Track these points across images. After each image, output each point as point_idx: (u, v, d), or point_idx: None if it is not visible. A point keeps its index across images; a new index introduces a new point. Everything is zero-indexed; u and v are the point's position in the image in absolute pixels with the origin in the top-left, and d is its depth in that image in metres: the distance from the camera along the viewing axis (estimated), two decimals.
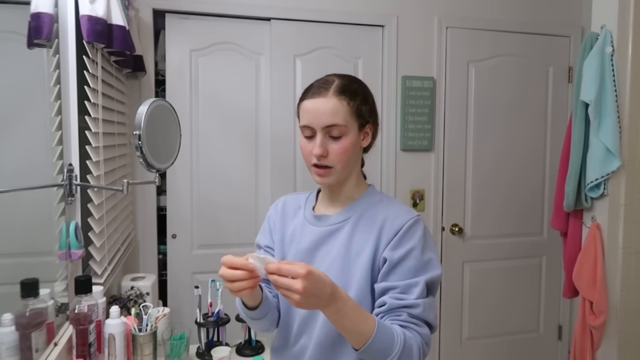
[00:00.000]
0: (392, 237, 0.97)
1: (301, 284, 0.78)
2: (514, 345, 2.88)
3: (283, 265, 0.81)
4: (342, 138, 0.98)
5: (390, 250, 0.96)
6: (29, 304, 1.09)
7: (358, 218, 1.03)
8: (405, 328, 0.91)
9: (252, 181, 2.50)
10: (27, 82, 1.29)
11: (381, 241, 0.98)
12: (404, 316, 0.92)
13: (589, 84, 2.01)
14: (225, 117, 2.45)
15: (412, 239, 0.96)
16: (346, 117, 0.98)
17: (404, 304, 0.92)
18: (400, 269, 0.95)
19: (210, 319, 1.56)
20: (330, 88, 0.99)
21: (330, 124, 0.97)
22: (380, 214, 1.01)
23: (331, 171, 1.00)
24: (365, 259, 0.98)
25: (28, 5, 1.23)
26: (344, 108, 0.98)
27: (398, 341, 0.87)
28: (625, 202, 2.05)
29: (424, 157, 2.64)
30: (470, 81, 2.70)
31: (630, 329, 2.09)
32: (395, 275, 0.95)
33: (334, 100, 0.97)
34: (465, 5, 2.66)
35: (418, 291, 0.93)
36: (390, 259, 0.95)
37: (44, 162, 1.34)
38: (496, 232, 2.79)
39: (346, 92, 0.99)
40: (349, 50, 2.54)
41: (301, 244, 1.06)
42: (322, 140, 0.98)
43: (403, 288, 0.93)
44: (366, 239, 1.00)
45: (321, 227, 1.05)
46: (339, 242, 1.02)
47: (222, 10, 2.38)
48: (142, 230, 2.37)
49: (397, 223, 0.98)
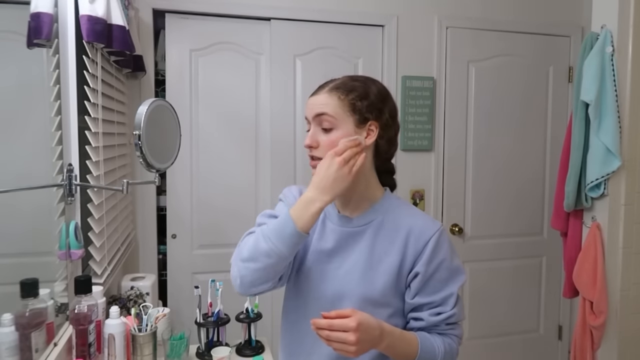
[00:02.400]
0: (421, 249, 0.98)
1: (354, 337, 0.84)
2: (514, 345, 2.88)
3: (335, 322, 0.86)
4: (333, 131, 0.98)
5: (423, 265, 0.98)
6: (28, 304, 1.09)
7: (380, 223, 1.02)
8: (444, 335, 0.99)
9: (252, 181, 2.50)
10: (27, 82, 1.29)
11: (408, 251, 0.99)
12: (441, 327, 0.99)
13: (589, 84, 2.01)
14: (225, 117, 2.45)
15: (442, 252, 0.99)
16: (336, 110, 0.98)
17: (442, 318, 0.98)
18: (433, 281, 0.98)
19: (210, 319, 1.56)
20: (327, 86, 1.01)
21: (319, 112, 0.99)
22: (405, 222, 1.01)
23: None
24: (390, 266, 0.99)
25: (28, 5, 1.23)
26: (334, 101, 0.98)
27: (439, 353, 0.96)
28: (625, 202, 2.05)
29: (424, 157, 2.64)
30: (470, 81, 2.70)
31: (630, 329, 2.09)
32: (429, 288, 0.99)
33: (325, 94, 1.00)
34: (466, 5, 2.66)
35: (452, 301, 0.99)
36: (424, 273, 0.98)
37: (44, 162, 1.34)
38: (496, 232, 2.79)
39: (339, 89, 0.99)
40: (349, 50, 2.54)
41: (324, 242, 1.04)
42: (313, 132, 1.00)
43: (439, 301, 0.99)
44: (390, 246, 1.00)
45: (344, 227, 1.04)
46: (361, 245, 1.01)
47: (222, 10, 2.38)
48: (142, 230, 2.37)
49: (426, 235, 0.99)
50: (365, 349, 0.88)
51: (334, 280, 1.01)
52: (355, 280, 0.99)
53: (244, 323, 1.58)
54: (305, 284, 1.06)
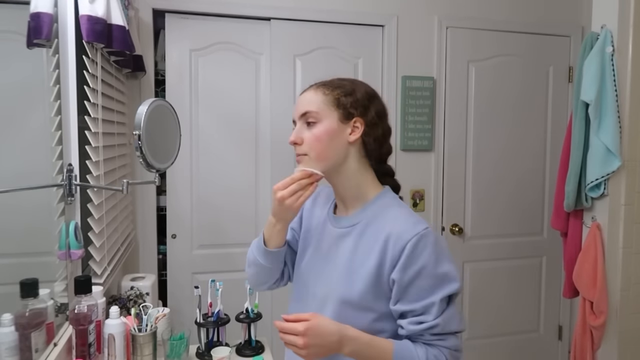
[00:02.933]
0: (397, 255, 0.92)
1: (302, 341, 0.88)
2: (514, 345, 2.88)
3: (285, 325, 0.90)
4: (317, 125, 0.99)
5: (399, 272, 0.92)
6: (28, 304, 1.09)
7: (365, 225, 1.00)
8: (430, 346, 0.94)
9: (252, 181, 2.50)
10: (27, 82, 1.29)
11: (386, 257, 0.94)
12: (426, 337, 0.94)
13: (589, 84, 2.01)
14: (225, 117, 2.45)
15: (421, 258, 0.91)
16: (320, 105, 0.99)
17: (423, 328, 0.92)
18: (414, 289, 0.92)
19: (210, 319, 1.56)
20: (315, 85, 1.03)
21: (303, 111, 1.00)
22: (387, 226, 0.96)
23: (304, 158, 1.00)
24: (368, 272, 0.95)
25: (28, 5, 1.23)
26: (319, 97, 1.00)
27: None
28: (625, 202, 2.05)
29: (424, 157, 2.64)
30: (470, 81, 2.70)
31: (630, 329, 2.09)
32: (410, 296, 0.93)
33: (311, 92, 1.02)
34: (466, 5, 2.66)
35: (435, 311, 0.92)
36: (400, 281, 0.92)
37: (44, 162, 1.34)
38: (496, 232, 2.79)
39: (325, 85, 1.01)
40: (349, 50, 2.54)
41: (321, 243, 1.06)
42: (298, 129, 1.02)
43: (421, 310, 0.92)
44: (370, 251, 0.96)
45: (335, 227, 1.05)
46: (346, 247, 1.01)
47: (222, 10, 2.38)
48: (142, 230, 2.37)
49: (403, 240, 0.92)
50: (321, 353, 0.90)
51: (325, 281, 1.02)
52: (336, 282, 0.99)
53: (244, 323, 1.58)
54: (304, 284, 1.07)
